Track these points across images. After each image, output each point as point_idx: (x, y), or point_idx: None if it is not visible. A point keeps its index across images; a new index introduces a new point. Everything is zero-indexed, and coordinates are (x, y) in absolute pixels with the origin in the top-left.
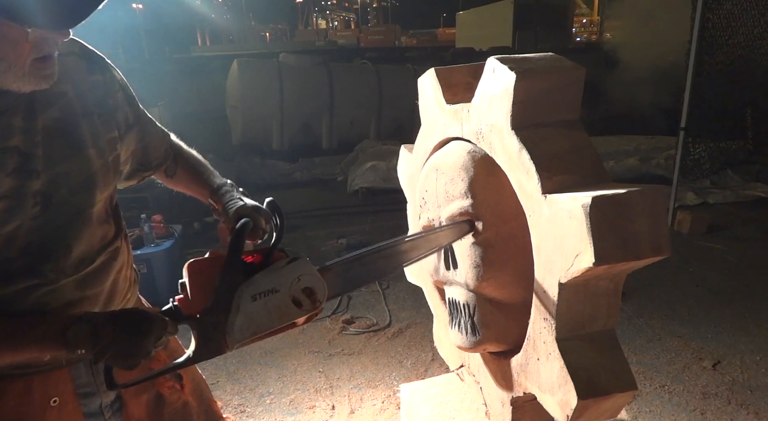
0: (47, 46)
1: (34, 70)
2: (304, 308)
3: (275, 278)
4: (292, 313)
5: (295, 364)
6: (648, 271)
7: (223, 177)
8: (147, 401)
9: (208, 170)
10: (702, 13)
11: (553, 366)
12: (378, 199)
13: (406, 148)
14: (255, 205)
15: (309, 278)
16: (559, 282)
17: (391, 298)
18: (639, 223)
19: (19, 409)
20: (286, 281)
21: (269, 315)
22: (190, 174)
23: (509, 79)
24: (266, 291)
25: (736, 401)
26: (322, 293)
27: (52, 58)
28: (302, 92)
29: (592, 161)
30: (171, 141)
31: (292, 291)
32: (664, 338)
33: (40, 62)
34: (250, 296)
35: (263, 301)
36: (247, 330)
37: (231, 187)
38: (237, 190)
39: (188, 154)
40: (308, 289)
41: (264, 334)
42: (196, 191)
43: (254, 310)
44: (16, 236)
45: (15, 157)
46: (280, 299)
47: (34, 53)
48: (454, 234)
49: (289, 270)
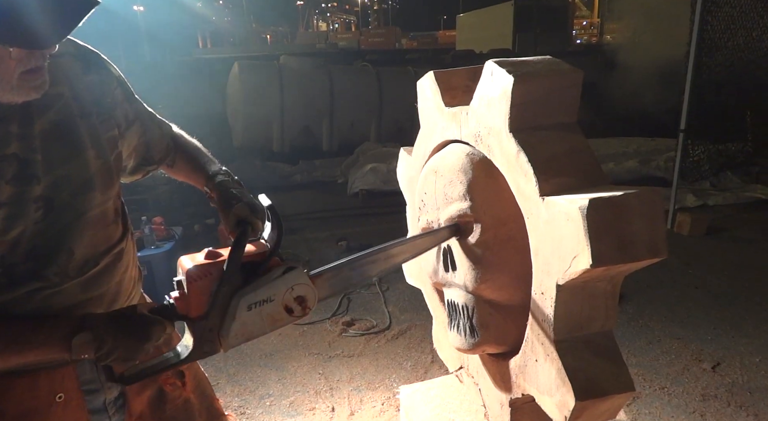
0: (34, 60)
1: (23, 83)
2: (295, 314)
3: (271, 288)
4: (284, 319)
5: (295, 366)
6: (648, 273)
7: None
8: (149, 397)
9: (205, 157)
10: (701, 15)
11: (551, 367)
12: (378, 201)
13: (405, 151)
14: (252, 205)
15: (302, 288)
16: (557, 284)
17: (391, 300)
18: (636, 225)
19: (26, 404)
20: (280, 290)
21: (262, 322)
22: (188, 162)
23: (507, 82)
24: (261, 301)
25: (735, 403)
26: (312, 301)
27: (42, 68)
28: (303, 94)
29: (590, 164)
30: (173, 133)
31: (285, 300)
32: (663, 340)
33: (28, 75)
34: (246, 306)
35: (258, 310)
36: (241, 336)
37: (226, 175)
38: (233, 179)
39: (188, 143)
40: (300, 297)
41: (256, 336)
42: (194, 179)
43: (249, 318)
44: (20, 241)
45: (13, 164)
46: (273, 307)
47: (20, 67)
48: (438, 239)
49: (284, 280)
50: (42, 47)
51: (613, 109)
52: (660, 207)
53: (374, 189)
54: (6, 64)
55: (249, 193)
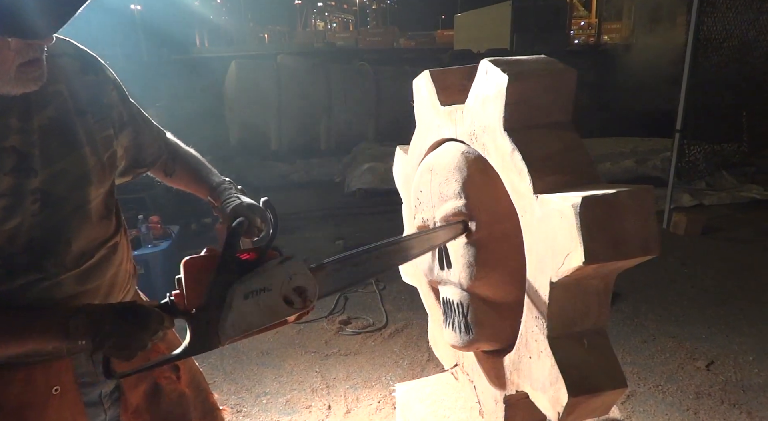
0: (32, 51)
1: (21, 75)
2: (295, 306)
3: (267, 277)
4: (283, 311)
5: (292, 364)
6: (643, 272)
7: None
8: (145, 391)
9: (206, 168)
10: (697, 16)
11: (545, 364)
12: (376, 200)
13: (401, 149)
14: (251, 204)
15: (301, 278)
16: (550, 281)
17: (388, 299)
18: (628, 222)
19: (22, 397)
20: (278, 280)
21: (261, 313)
22: (189, 173)
23: (502, 81)
24: (258, 289)
25: (729, 401)
26: (313, 292)
27: (40, 60)
28: (300, 94)
29: (584, 162)
30: (166, 139)
31: (283, 290)
32: (658, 339)
33: (26, 66)
34: (242, 295)
35: (255, 299)
36: (239, 327)
37: (229, 185)
38: (235, 187)
39: (186, 153)
40: (300, 288)
41: (255, 331)
42: (195, 189)
43: (246, 308)
44: (19, 233)
45: (13, 156)
46: (271, 297)
47: (19, 59)
48: (446, 235)
49: (282, 269)
50: (40, 38)
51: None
52: (652, 205)
53: (372, 188)
54: (4, 55)
55: (250, 198)
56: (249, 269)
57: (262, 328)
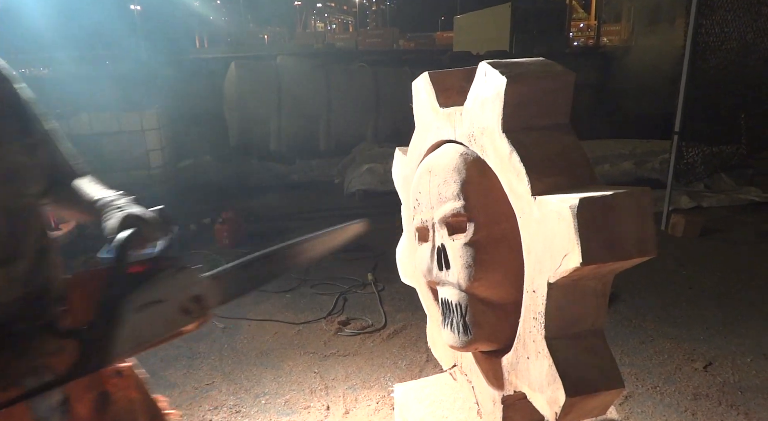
0: None
1: None
2: (193, 315)
3: (161, 288)
4: (180, 321)
5: (291, 365)
6: (642, 273)
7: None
8: (93, 400)
9: (96, 187)
10: (696, 19)
11: (542, 364)
12: (375, 201)
13: (400, 151)
14: (142, 214)
15: (197, 286)
16: (548, 282)
17: (387, 299)
18: (626, 224)
19: None
20: (172, 290)
21: (155, 326)
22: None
23: (500, 83)
24: (151, 302)
25: (726, 402)
26: (210, 301)
27: None
28: (300, 94)
29: (582, 164)
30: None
31: (179, 300)
32: (656, 340)
33: None
34: (133, 308)
35: (148, 312)
36: (132, 341)
37: (118, 197)
38: (127, 199)
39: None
40: (197, 297)
41: (150, 344)
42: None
43: (139, 322)
44: None
45: None
46: (166, 308)
47: None
48: (345, 235)
49: (177, 280)
50: None
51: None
52: (649, 206)
53: (371, 189)
54: None
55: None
56: (141, 281)
57: (158, 340)
